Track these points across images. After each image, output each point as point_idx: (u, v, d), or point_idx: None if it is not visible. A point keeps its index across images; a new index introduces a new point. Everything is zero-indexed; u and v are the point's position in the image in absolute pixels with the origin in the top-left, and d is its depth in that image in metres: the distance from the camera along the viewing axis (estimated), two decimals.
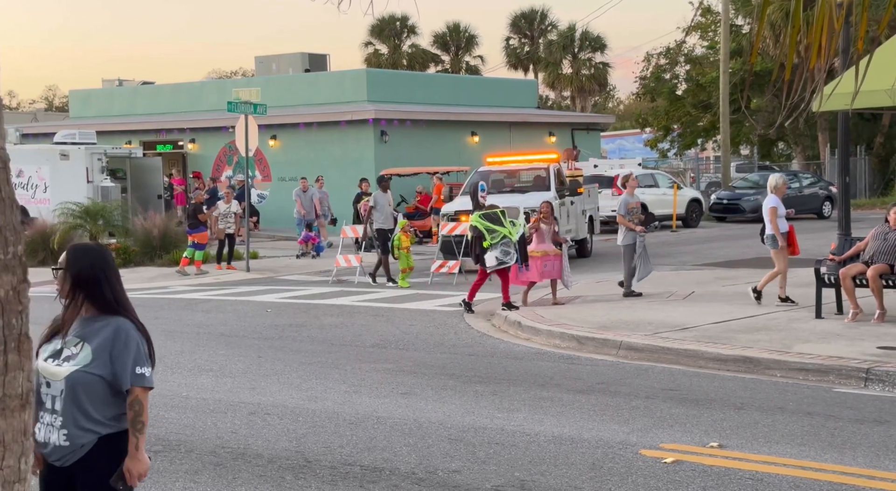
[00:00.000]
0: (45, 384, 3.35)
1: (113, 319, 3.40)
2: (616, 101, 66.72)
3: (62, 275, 3.42)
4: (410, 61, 50.16)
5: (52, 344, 3.42)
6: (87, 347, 3.37)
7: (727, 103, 29.80)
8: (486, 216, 12.28)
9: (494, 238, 12.03)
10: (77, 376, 3.34)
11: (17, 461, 1.60)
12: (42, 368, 3.35)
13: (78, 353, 3.38)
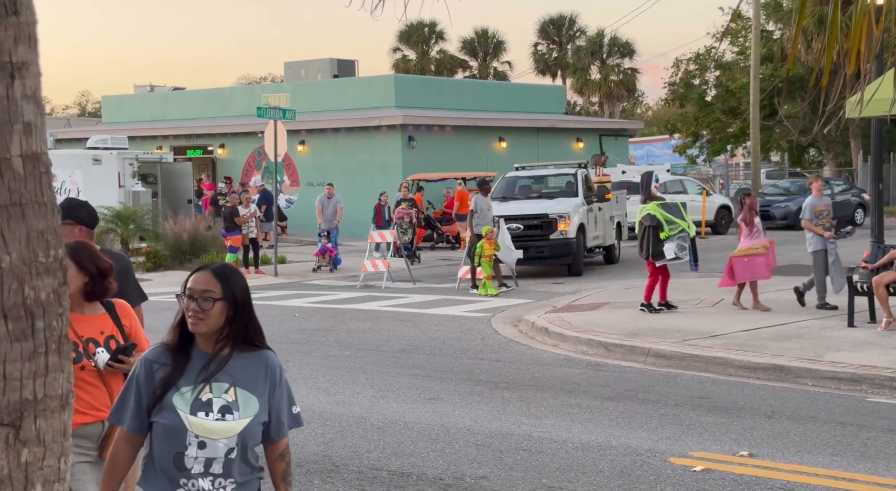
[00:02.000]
0: (193, 446, 2.71)
1: (258, 352, 2.84)
2: (644, 107, 66.42)
3: (217, 303, 2.75)
4: (438, 67, 50.28)
5: (181, 393, 2.74)
6: (246, 393, 2.77)
7: (757, 109, 29.54)
8: (666, 207, 11.60)
9: (673, 230, 11.34)
10: (251, 429, 2.75)
11: (57, 461, 1.62)
12: (198, 426, 2.70)
13: (234, 400, 2.75)
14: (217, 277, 2.80)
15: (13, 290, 1.57)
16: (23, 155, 1.60)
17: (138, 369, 2.82)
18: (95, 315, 3.75)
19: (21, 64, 1.59)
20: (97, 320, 3.75)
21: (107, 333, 3.73)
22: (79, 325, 3.66)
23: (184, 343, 2.81)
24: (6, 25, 1.57)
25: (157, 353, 2.83)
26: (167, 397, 2.74)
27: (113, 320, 3.78)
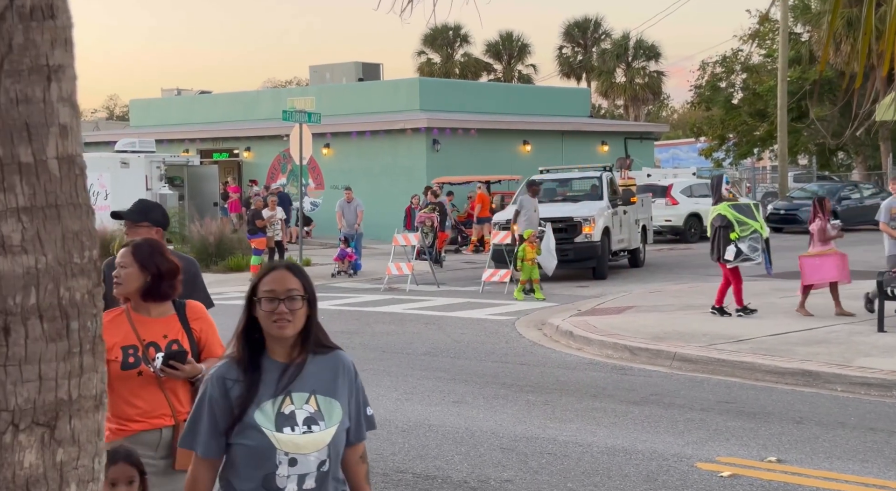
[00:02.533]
0: (284, 464, 2.49)
1: (331, 354, 2.65)
2: (670, 110, 66.08)
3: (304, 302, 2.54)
4: (463, 70, 50.31)
5: (261, 408, 2.51)
6: (328, 400, 2.57)
7: (785, 112, 29.27)
8: (737, 207, 11.32)
9: (744, 231, 11.01)
10: (339, 438, 2.58)
11: (91, 461, 1.64)
12: (286, 443, 2.48)
13: (318, 409, 2.55)
14: (296, 275, 2.59)
15: (49, 290, 1.59)
16: (58, 157, 1.61)
17: (209, 389, 2.55)
18: (162, 317, 3.56)
19: (57, 67, 1.61)
20: (162, 323, 3.55)
21: (170, 336, 3.53)
22: (142, 327, 3.51)
23: (252, 354, 2.56)
24: (43, 29, 1.59)
25: (226, 368, 2.56)
26: (248, 415, 2.49)
27: (181, 323, 3.57)
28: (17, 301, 1.56)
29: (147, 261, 3.52)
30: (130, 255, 3.55)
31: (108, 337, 3.31)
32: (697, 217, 24.98)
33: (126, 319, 3.52)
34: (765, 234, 11.19)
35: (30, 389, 1.57)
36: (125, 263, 3.54)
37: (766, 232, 11.22)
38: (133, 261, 3.52)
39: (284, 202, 21.56)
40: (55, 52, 1.60)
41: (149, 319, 3.54)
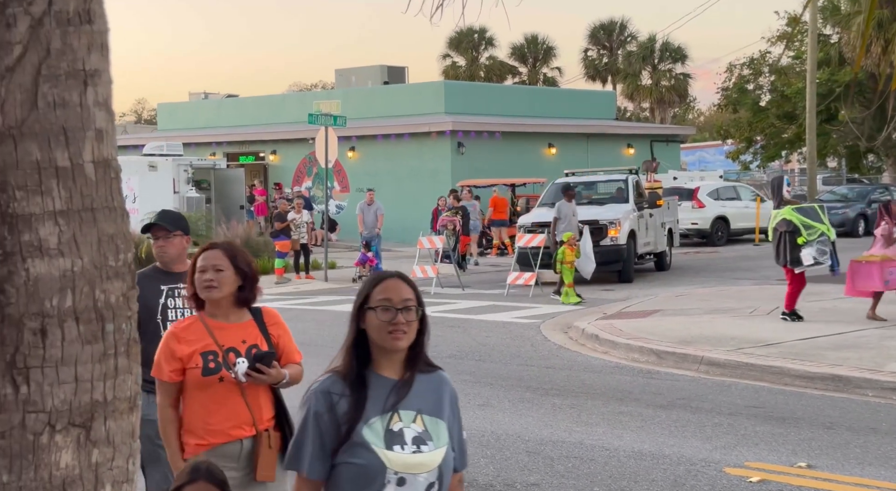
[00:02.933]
0: (392, 484, 2.33)
1: (434, 373, 2.51)
2: (696, 113, 65.64)
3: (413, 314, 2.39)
4: (488, 73, 50.30)
5: (370, 425, 2.35)
6: (434, 420, 2.42)
7: (814, 114, 28.90)
8: (802, 210, 10.99)
9: (811, 235, 10.70)
10: (448, 460, 2.43)
11: (126, 462, 1.65)
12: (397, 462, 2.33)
13: (424, 429, 2.40)
14: (410, 285, 2.43)
15: (84, 293, 1.61)
16: (94, 161, 1.63)
17: (313, 405, 2.37)
18: (240, 323, 3.44)
19: (94, 71, 1.63)
20: (241, 328, 3.42)
21: (249, 341, 3.40)
22: (220, 333, 3.39)
23: (359, 368, 2.40)
24: (80, 34, 1.61)
25: (332, 382, 2.39)
26: (356, 433, 2.32)
27: (259, 328, 3.45)
28: (53, 304, 1.58)
29: (241, 263, 3.42)
30: (225, 257, 3.42)
31: (186, 345, 3.33)
32: (724, 220, 24.79)
33: (202, 326, 3.40)
34: (832, 236, 10.88)
35: (66, 390, 1.58)
36: (222, 265, 3.39)
37: (832, 234, 10.92)
38: (230, 263, 3.40)
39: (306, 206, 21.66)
40: (91, 56, 1.62)
41: (226, 325, 3.41)
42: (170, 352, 3.38)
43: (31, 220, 1.57)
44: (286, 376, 3.39)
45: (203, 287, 3.38)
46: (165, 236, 4.20)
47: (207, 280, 3.37)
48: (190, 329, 3.40)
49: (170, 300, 4.12)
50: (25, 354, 1.57)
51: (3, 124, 1.55)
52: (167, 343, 3.39)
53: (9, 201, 1.55)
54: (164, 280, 4.15)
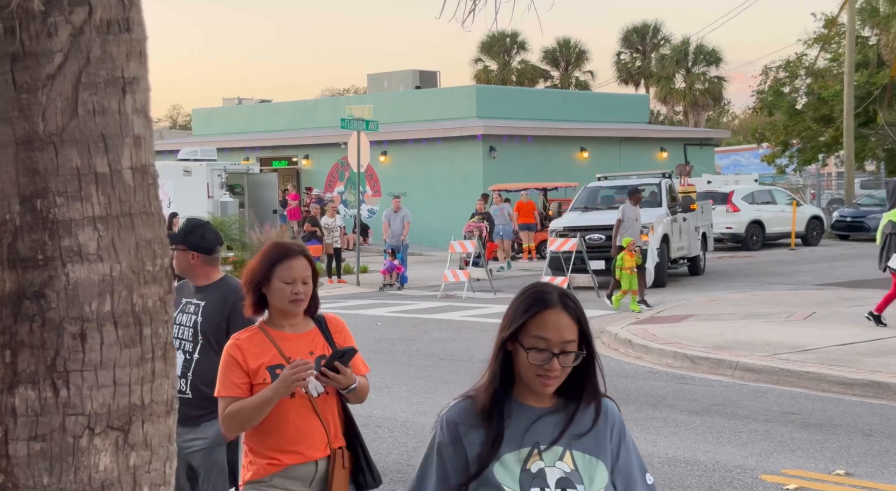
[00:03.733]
0: None
1: (595, 401, 2.11)
2: (731, 116, 65.01)
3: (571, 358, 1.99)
4: (519, 77, 50.23)
5: (502, 462, 1.99)
6: (588, 458, 2.03)
7: (852, 117, 28.58)
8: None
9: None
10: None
11: (163, 465, 1.67)
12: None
13: (574, 469, 2.01)
14: (574, 315, 2.01)
15: (123, 297, 1.63)
16: (133, 167, 1.65)
17: (439, 435, 2.04)
18: (305, 332, 3.14)
19: (132, 79, 1.65)
20: (306, 338, 3.13)
21: (317, 352, 3.10)
22: (285, 344, 3.08)
23: (498, 396, 2.04)
24: (119, 42, 1.63)
25: (461, 411, 2.05)
26: (487, 471, 1.97)
27: (325, 337, 3.16)
28: (92, 308, 1.60)
29: (314, 269, 3.15)
30: (310, 266, 3.11)
31: (252, 359, 3.03)
32: (759, 224, 24.51)
33: (265, 338, 3.08)
34: None
35: (105, 393, 1.60)
36: (309, 276, 3.09)
37: None
38: (312, 272, 3.12)
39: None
40: (130, 64, 1.64)
41: (291, 336, 3.10)
42: (236, 364, 3.05)
43: (71, 226, 1.59)
44: (356, 382, 3.06)
45: (291, 301, 3.05)
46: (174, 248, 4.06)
47: (296, 294, 3.05)
48: (253, 341, 3.08)
49: (178, 315, 3.99)
50: (65, 357, 1.59)
51: (43, 131, 1.58)
52: (231, 355, 3.07)
53: (49, 207, 1.58)
54: (190, 292, 4.01)
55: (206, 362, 3.79)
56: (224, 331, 3.78)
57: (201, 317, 3.91)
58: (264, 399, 2.96)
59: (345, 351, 3.02)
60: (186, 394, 3.83)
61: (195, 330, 3.90)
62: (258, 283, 3.07)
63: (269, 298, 3.07)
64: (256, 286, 3.08)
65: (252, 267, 3.11)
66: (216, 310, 3.88)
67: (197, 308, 3.92)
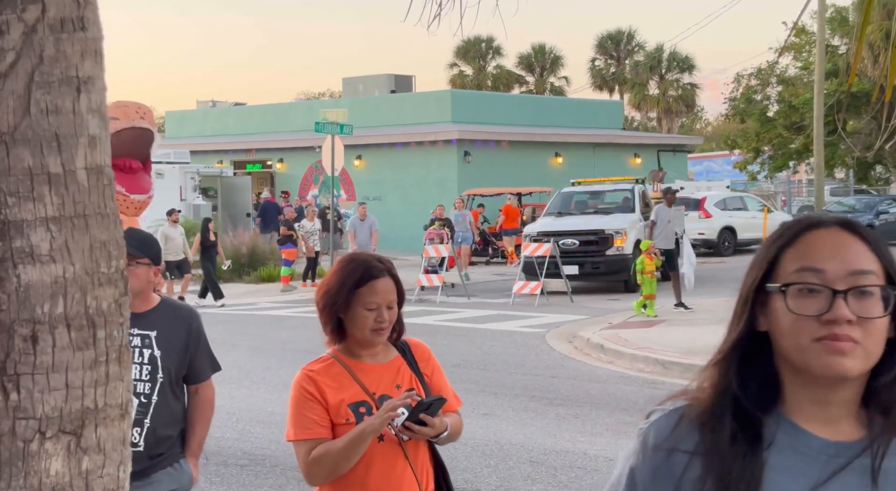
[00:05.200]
0: None
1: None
2: (704, 123, 65.61)
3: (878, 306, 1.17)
4: (495, 82, 50.40)
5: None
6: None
7: (822, 125, 28.84)
8: None
9: None
10: None
11: (117, 470, 1.65)
12: None
13: None
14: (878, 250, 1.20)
15: (76, 299, 1.60)
16: (87, 167, 1.63)
17: (632, 458, 1.40)
18: (387, 362, 2.66)
19: (87, 78, 1.63)
20: (389, 369, 2.65)
21: (404, 385, 2.63)
22: (366, 376, 2.60)
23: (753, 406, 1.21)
24: (73, 41, 1.61)
25: (676, 424, 1.30)
26: None
27: (410, 368, 2.68)
28: (44, 310, 1.57)
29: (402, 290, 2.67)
30: (395, 287, 2.62)
31: (331, 394, 2.54)
32: (731, 230, 24.74)
33: (343, 369, 2.60)
34: None
35: (57, 397, 1.58)
36: (394, 299, 2.60)
37: None
38: (398, 294, 2.63)
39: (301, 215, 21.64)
40: (85, 63, 1.62)
41: (372, 366, 2.63)
42: (314, 400, 2.54)
43: (23, 227, 1.57)
44: (447, 427, 2.59)
45: (373, 330, 2.56)
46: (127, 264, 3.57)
47: (380, 322, 2.56)
48: (329, 372, 2.59)
49: None
50: (16, 360, 1.56)
51: None
52: (306, 390, 2.55)
53: (0, 208, 1.56)
54: None
55: (166, 406, 3.25)
56: (188, 366, 3.29)
57: (159, 350, 3.25)
58: (357, 438, 2.45)
59: (432, 401, 2.51)
60: (139, 446, 3.19)
61: (153, 366, 3.23)
62: (336, 308, 2.57)
63: (346, 324, 2.58)
64: (335, 312, 2.58)
65: (328, 288, 2.60)
66: (177, 340, 3.27)
67: (147, 340, 3.24)
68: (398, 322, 2.63)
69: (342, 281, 2.57)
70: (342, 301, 2.55)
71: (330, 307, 2.58)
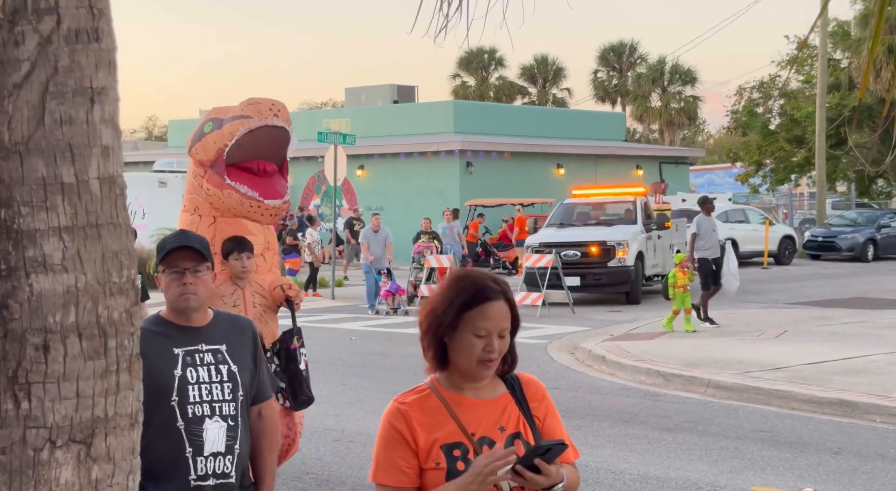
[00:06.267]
0: None
1: None
2: (706, 135, 65.71)
3: None
4: (497, 93, 50.50)
5: None
6: None
7: (823, 139, 29.00)
8: None
9: None
10: None
11: (126, 479, 1.65)
12: None
13: None
14: None
15: (87, 309, 1.61)
16: (100, 177, 1.64)
17: None
18: (491, 398, 2.26)
19: (101, 89, 1.64)
20: (495, 407, 2.25)
21: (509, 428, 2.23)
22: (467, 413, 2.21)
23: None
24: (87, 52, 1.62)
25: None
26: None
27: (519, 407, 2.28)
28: (56, 319, 1.58)
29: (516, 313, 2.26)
30: (510, 312, 2.24)
31: (424, 432, 2.17)
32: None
33: (439, 403, 2.22)
34: None
35: (67, 406, 1.58)
36: (508, 328, 2.23)
37: None
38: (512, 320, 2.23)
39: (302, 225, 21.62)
40: (99, 74, 1.63)
41: (473, 402, 2.23)
42: (402, 440, 2.18)
43: (36, 236, 1.58)
44: (564, 479, 2.18)
45: (481, 361, 2.18)
46: (195, 269, 2.83)
47: (490, 352, 2.18)
48: (423, 407, 2.22)
49: (189, 371, 2.79)
50: (28, 369, 1.57)
51: (9, 140, 1.57)
52: (395, 428, 2.20)
53: (14, 217, 1.57)
54: (180, 339, 2.83)
55: (247, 429, 2.91)
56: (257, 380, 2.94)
57: (235, 364, 2.87)
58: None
59: (550, 445, 2.13)
60: (230, 477, 2.80)
61: (233, 383, 2.84)
62: (441, 331, 2.21)
63: (449, 350, 2.21)
64: (439, 336, 2.22)
65: (433, 307, 2.24)
66: (245, 353, 2.91)
67: (219, 354, 2.85)
68: (510, 352, 2.26)
69: (450, 300, 2.20)
70: (448, 323, 2.19)
71: (434, 329, 2.22)
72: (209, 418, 2.78)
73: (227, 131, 4.98)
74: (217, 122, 5.10)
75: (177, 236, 2.93)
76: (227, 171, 5.03)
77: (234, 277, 5.08)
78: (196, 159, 5.23)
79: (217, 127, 5.07)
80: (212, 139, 5.06)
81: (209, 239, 4.35)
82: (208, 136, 5.09)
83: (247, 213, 5.05)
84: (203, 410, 2.78)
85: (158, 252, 2.89)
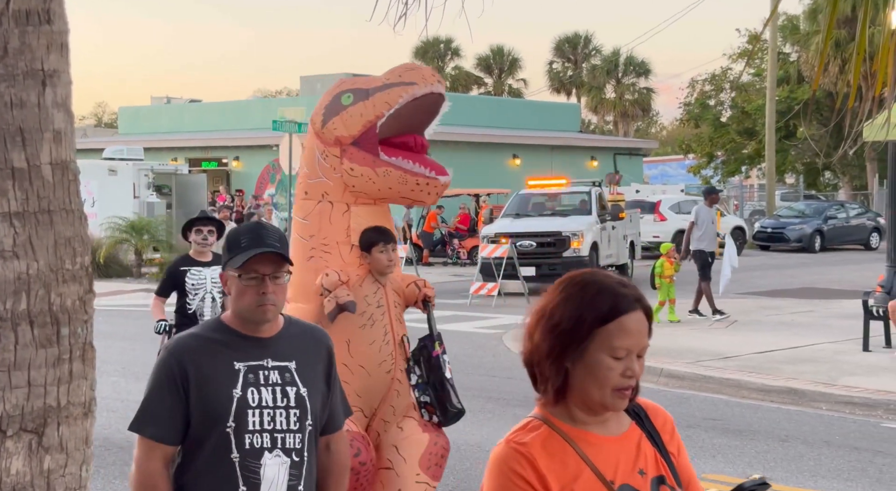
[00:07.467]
0: None
1: None
2: (659, 127, 66.46)
3: None
4: (453, 83, 50.48)
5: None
6: None
7: (773, 131, 29.51)
8: None
9: None
10: None
11: (79, 469, 1.63)
12: None
13: None
14: None
15: (39, 296, 1.58)
16: (52, 162, 1.61)
17: None
18: (621, 434, 1.84)
19: (53, 72, 1.61)
20: (626, 444, 1.83)
21: (649, 471, 1.82)
22: (599, 453, 1.79)
23: None
24: (39, 33, 1.58)
25: None
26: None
27: (652, 443, 1.85)
28: (7, 306, 1.55)
29: None
30: (649, 326, 1.82)
31: (553, 479, 1.74)
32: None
33: (564, 443, 1.79)
34: None
35: (18, 395, 1.55)
36: (646, 346, 1.81)
37: None
38: None
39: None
40: (51, 56, 1.60)
41: (602, 439, 1.81)
42: (529, 488, 1.76)
43: None
44: None
45: (617, 389, 1.75)
46: (274, 275, 2.32)
47: (629, 378, 1.76)
48: (546, 448, 1.78)
49: (251, 392, 2.28)
50: None
51: None
52: (520, 476, 1.76)
53: None
54: (244, 351, 2.30)
55: (313, 465, 2.43)
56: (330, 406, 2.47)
57: (306, 386, 2.38)
58: None
59: (754, 486, 1.85)
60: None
61: (301, 410, 2.35)
62: (567, 353, 1.77)
63: (572, 376, 1.78)
64: (563, 359, 1.78)
65: (556, 323, 1.79)
66: (318, 373, 2.43)
67: (287, 374, 2.35)
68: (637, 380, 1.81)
69: (579, 314, 1.75)
70: (577, 343, 1.74)
71: (559, 351, 1.76)
72: (269, 452, 2.29)
73: (383, 100, 4.31)
74: (360, 92, 4.38)
75: (255, 235, 2.32)
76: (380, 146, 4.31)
77: (377, 273, 4.37)
78: (329, 137, 4.42)
79: (362, 98, 4.35)
80: (357, 111, 4.33)
81: (342, 229, 4.08)
82: (350, 108, 4.35)
83: (409, 193, 4.42)
84: (263, 440, 2.28)
85: (231, 250, 2.30)
